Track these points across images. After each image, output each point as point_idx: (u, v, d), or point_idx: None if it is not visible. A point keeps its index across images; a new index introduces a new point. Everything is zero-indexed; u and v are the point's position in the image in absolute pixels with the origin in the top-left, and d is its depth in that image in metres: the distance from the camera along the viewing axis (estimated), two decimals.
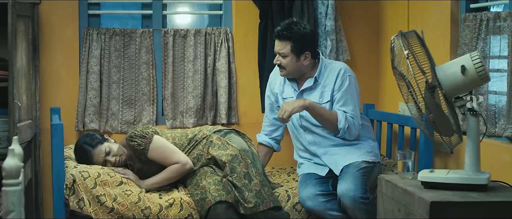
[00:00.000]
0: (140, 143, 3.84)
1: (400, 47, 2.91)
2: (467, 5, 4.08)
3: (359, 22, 5.08)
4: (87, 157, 3.88)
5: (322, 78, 3.95)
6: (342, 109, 3.87)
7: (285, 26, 3.87)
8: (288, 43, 3.85)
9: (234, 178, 3.77)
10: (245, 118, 4.94)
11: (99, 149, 3.87)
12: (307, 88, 3.97)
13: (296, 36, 3.85)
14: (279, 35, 3.88)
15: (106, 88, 4.76)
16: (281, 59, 3.90)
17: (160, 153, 3.85)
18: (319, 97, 3.93)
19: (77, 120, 4.72)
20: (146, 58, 4.80)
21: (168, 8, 5.06)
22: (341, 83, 3.90)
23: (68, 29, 4.73)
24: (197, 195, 3.74)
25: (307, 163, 4.04)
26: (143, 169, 3.95)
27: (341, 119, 3.84)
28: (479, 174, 2.99)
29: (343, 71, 3.92)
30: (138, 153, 3.87)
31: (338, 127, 3.85)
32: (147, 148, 3.84)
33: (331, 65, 3.98)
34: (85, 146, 3.90)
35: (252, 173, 3.80)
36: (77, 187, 3.69)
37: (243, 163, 3.83)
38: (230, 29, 4.92)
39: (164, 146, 3.88)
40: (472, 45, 3.89)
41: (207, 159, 3.94)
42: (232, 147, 3.92)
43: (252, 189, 3.73)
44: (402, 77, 2.96)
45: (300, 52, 3.87)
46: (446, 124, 2.92)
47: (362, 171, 3.79)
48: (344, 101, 3.89)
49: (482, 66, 2.88)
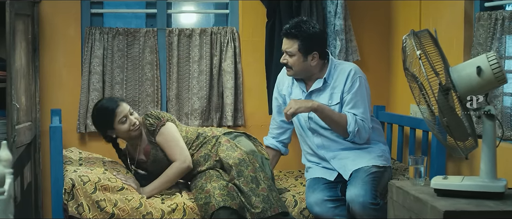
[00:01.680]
0: (153, 123, 3.87)
1: (412, 47, 2.83)
2: (481, 4, 4.03)
3: (369, 21, 5.05)
4: (111, 113, 3.82)
5: (332, 79, 3.88)
6: (352, 112, 3.80)
7: (293, 24, 3.81)
8: (295, 42, 3.79)
9: (241, 182, 3.71)
10: (252, 120, 4.89)
11: (124, 107, 3.85)
12: (315, 89, 3.90)
13: (305, 35, 3.79)
14: (287, 33, 3.82)
15: (109, 89, 4.72)
16: (288, 58, 3.84)
17: (166, 140, 3.86)
18: (328, 99, 3.86)
19: (78, 122, 4.68)
20: (150, 58, 4.75)
21: (173, 7, 5.03)
22: (351, 85, 3.83)
23: (70, 29, 4.70)
24: (201, 199, 3.68)
25: (315, 167, 3.98)
26: (154, 170, 3.95)
27: (351, 122, 3.77)
28: (495, 181, 2.89)
29: (353, 72, 3.85)
30: (149, 133, 3.89)
31: (347, 130, 3.78)
32: (157, 130, 3.86)
33: (341, 66, 3.91)
34: (109, 103, 3.88)
35: (260, 177, 3.75)
36: (76, 192, 3.62)
37: (251, 166, 3.78)
38: (236, 29, 4.87)
39: (172, 135, 3.88)
40: (486, 45, 3.84)
41: (215, 161, 3.90)
42: (240, 150, 3.86)
43: (259, 193, 3.68)
44: (414, 79, 2.87)
45: (308, 51, 3.81)
46: (461, 128, 2.83)
47: (372, 176, 3.71)
48: (354, 103, 3.81)
49: (499, 67, 2.77)
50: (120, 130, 3.84)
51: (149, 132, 3.89)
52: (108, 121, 3.83)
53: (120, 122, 3.82)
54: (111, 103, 3.87)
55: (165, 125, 3.88)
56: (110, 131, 3.88)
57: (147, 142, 3.93)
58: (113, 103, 3.86)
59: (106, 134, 3.92)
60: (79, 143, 4.69)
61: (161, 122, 3.87)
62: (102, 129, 3.90)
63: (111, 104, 3.84)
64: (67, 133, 4.55)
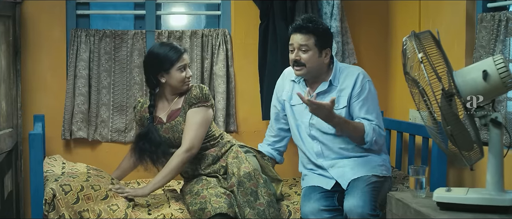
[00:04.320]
0: (199, 97, 3.79)
1: (413, 50, 2.71)
2: (484, 5, 3.98)
3: (366, 23, 5.00)
4: (175, 56, 3.76)
5: (338, 82, 3.82)
6: (366, 118, 3.73)
7: (307, 19, 3.75)
8: (311, 37, 3.72)
9: (240, 191, 3.64)
10: (245, 126, 4.80)
11: (187, 57, 3.83)
12: (321, 92, 3.81)
13: (320, 29, 3.74)
14: (302, 27, 3.74)
15: (95, 94, 4.63)
16: (301, 55, 3.74)
17: (192, 120, 3.77)
18: (335, 102, 3.73)
19: (63, 128, 4.57)
20: (139, 62, 4.66)
21: (163, 8, 4.96)
22: (360, 90, 3.76)
23: (55, 30, 4.59)
24: (196, 205, 3.56)
25: (311, 174, 3.88)
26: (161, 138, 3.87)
27: (369, 132, 3.69)
28: (502, 194, 2.75)
29: (362, 76, 3.80)
30: (187, 100, 3.80)
31: (365, 139, 3.72)
32: (196, 106, 3.79)
33: (347, 69, 3.86)
34: (175, 46, 3.81)
35: (261, 193, 3.67)
36: (58, 202, 3.48)
37: (253, 181, 3.70)
38: (228, 31, 4.79)
39: (202, 121, 3.79)
40: (489, 47, 3.79)
41: (222, 166, 3.83)
42: (249, 163, 3.79)
43: (255, 207, 3.59)
44: (416, 84, 2.74)
45: (323, 47, 3.75)
46: (465, 137, 2.70)
47: (371, 186, 3.63)
48: (367, 109, 3.75)
49: (507, 71, 2.65)
50: (174, 77, 3.77)
51: (189, 101, 3.80)
52: (169, 62, 3.76)
53: (179, 69, 3.77)
54: (177, 47, 3.82)
55: (206, 108, 3.81)
56: (163, 74, 3.78)
57: (179, 107, 3.85)
58: (179, 48, 3.82)
59: (155, 76, 3.80)
60: (63, 151, 4.59)
61: (205, 103, 3.80)
62: (157, 69, 3.78)
63: (178, 48, 3.80)
64: (51, 140, 4.46)
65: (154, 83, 3.84)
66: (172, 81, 3.78)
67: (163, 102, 3.89)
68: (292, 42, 3.76)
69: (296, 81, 3.89)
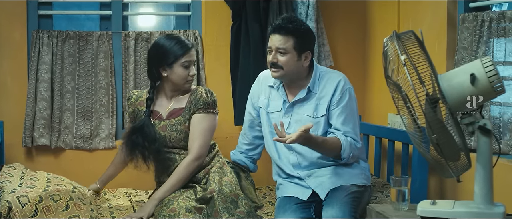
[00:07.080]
0: (207, 102, 3.74)
1: (395, 52, 2.56)
2: (466, 4, 3.93)
3: (343, 24, 4.95)
4: (181, 50, 3.68)
5: (317, 89, 3.68)
6: (342, 128, 3.59)
7: (287, 19, 3.60)
8: (290, 38, 3.56)
9: (220, 197, 3.51)
10: (216, 132, 4.56)
11: (194, 53, 3.76)
12: (299, 99, 3.68)
13: (301, 30, 3.59)
14: (281, 27, 3.58)
15: (58, 99, 4.50)
16: (279, 57, 3.59)
17: (200, 126, 3.72)
18: (313, 111, 3.65)
19: (24, 135, 4.42)
20: (105, 64, 4.56)
21: (130, 9, 4.84)
22: (340, 97, 3.63)
23: (15, 32, 4.46)
24: (164, 216, 3.40)
25: (286, 183, 3.75)
26: (157, 134, 3.76)
27: (346, 148, 3.56)
28: (491, 207, 2.63)
29: (343, 83, 3.66)
30: (193, 104, 3.72)
31: (341, 156, 3.59)
32: (204, 112, 3.73)
33: (328, 75, 3.71)
34: (184, 40, 3.72)
35: (241, 204, 3.57)
36: (14, 215, 3.29)
37: (235, 192, 3.61)
38: (199, 32, 4.70)
39: (209, 128, 3.75)
40: (472, 49, 3.74)
41: (204, 175, 3.74)
42: (232, 176, 3.72)
43: (235, 214, 3.48)
44: (398, 89, 2.58)
45: (302, 50, 3.60)
46: (452, 146, 2.54)
47: (351, 196, 3.50)
48: (344, 118, 3.61)
49: (496, 75, 2.51)
50: (177, 73, 3.69)
51: (195, 103, 3.72)
52: (173, 56, 3.67)
53: (183, 65, 3.69)
54: (185, 42, 3.72)
55: (214, 116, 3.77)
56: (166, 67, 3.69)
57: (182, 107, 3.75)
58: (187, 43, 3.73)
59: (157, 69, 3.70)
60: (24, 159, 4.44)
61: (212, 110, 3.75)
62: (160, 62, 3.69)
63: (186, 43, 3.71)
64: (11, 148, 4.34)
65: (155, 76, 3.74)
66: (173, 76, 3.69)
67: (162, 97, 3.81)
68: (270, 43, 3.62)
69: (274, 87, 3.75)
